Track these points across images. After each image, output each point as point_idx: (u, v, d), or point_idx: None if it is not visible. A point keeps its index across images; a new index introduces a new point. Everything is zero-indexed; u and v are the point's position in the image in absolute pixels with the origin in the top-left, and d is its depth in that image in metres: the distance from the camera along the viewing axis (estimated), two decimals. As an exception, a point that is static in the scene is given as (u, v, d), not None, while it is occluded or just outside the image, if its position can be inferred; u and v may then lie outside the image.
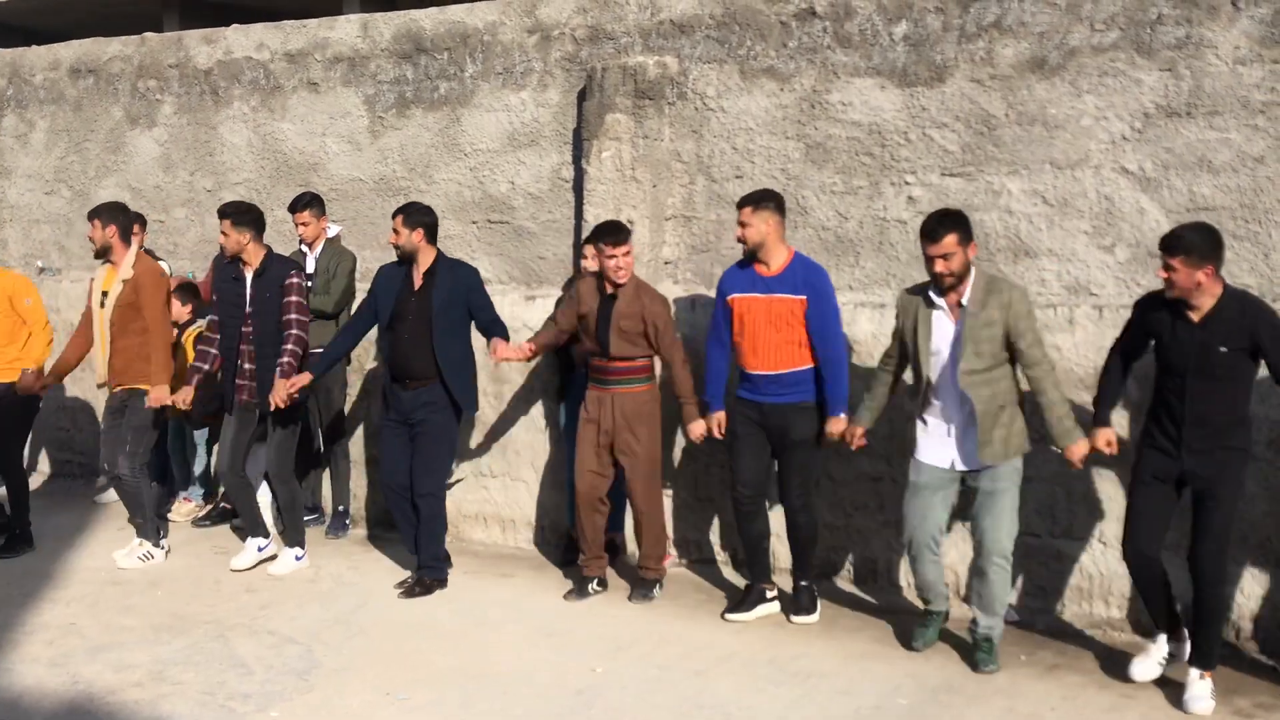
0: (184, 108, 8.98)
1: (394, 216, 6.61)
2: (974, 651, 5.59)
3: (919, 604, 5.97)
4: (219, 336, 7.01)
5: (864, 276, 6.73)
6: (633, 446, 6.37)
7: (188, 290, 8.01)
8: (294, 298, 6.84)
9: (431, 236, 6.62)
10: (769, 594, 6.27)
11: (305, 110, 8.46)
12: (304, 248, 7.72)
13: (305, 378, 6.71)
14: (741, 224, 6.03)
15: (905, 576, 6.54)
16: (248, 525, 7.17)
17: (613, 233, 6.29)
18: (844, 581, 6.70)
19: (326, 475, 8.03)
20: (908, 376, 5.82)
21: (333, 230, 7.83)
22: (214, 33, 8.92)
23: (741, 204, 6.06)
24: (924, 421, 5.63)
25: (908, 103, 6.58)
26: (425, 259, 6.60)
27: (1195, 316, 5.01)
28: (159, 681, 5.45)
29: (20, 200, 9.77)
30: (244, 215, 6.88)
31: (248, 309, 6.87)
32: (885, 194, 6.67)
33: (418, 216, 6.58)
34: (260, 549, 7.14)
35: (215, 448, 8.11)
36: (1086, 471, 6.08)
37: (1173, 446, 5.11)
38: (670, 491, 7.08)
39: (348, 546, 7.61)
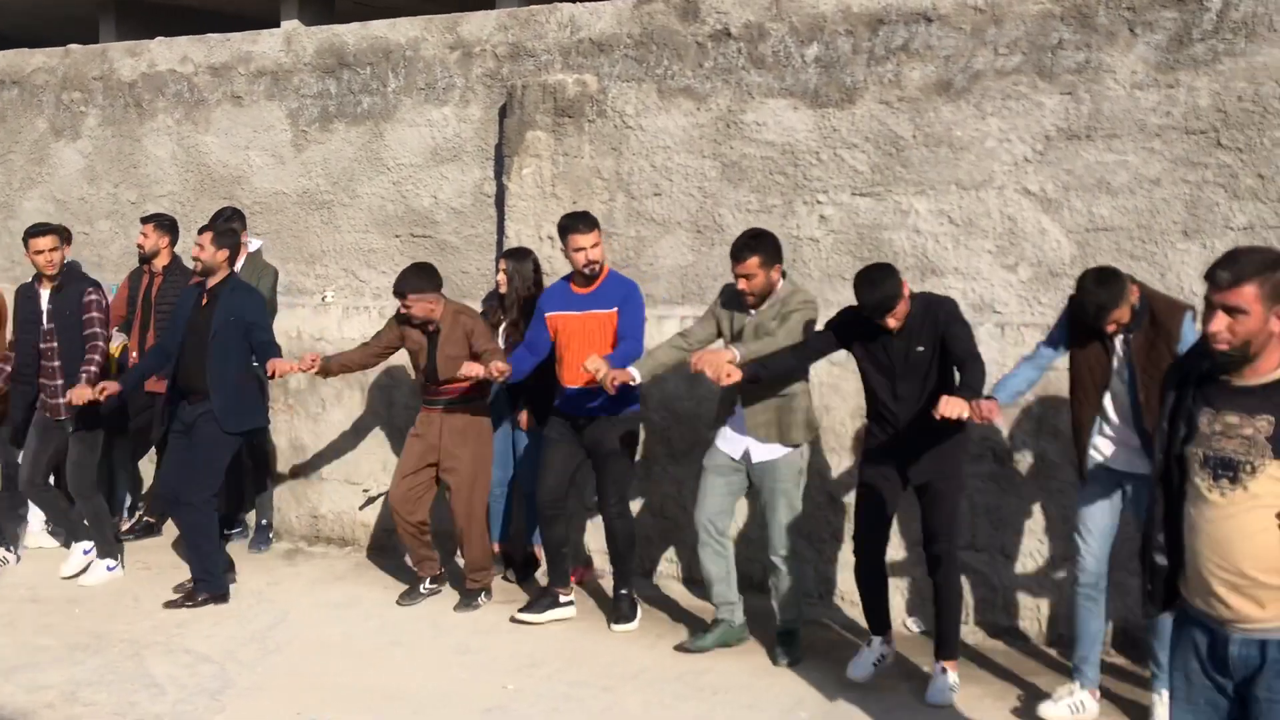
0: (108, 120, 8.96)
1: (201, 232, 6.82)
2: (775, 644, 5.92)
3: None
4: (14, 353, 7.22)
5: (778, 293, 6.84)
6: (457, 464, 6.60)
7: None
8: (95, 313, 7.03)
9: (233, 260, 6.92)
10: (563, 598, 6.48)
11: (229, 123, 8.47)
12: (226, 262, 7.76)
13: (114, 386, 6.73)
14: (593, 246, 6.26)
15: (816, 588, 6.68)
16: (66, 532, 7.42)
17: (413, 281, 6.61)
18: (755, 595, 6.80)
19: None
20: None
21: (254, 245, 7.86)
22: (138, 45, 8.91)
23: (585, 226, 6.24)
24: (726, 417, 5.90)
25: (819, 123, 6.69)
26: (218, 277, 6.80)
27: (894, 325, 5.30)
28: (71, 703, 5.47)
29: (-56, 211, 9.70)
30: (65, 232, 7.20)
31: (45, 325, 7.05)
32: (798, 213, 6.78)
33: (227, 239, 6.84)
34: (85, 550, 7.31)
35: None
36: (991, 486, 6.25)
37: (891, 449, 5.39)
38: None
39: (270, 561, 7.64)
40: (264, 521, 7.93)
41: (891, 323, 5.27)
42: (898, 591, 6.37)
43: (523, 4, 9.58)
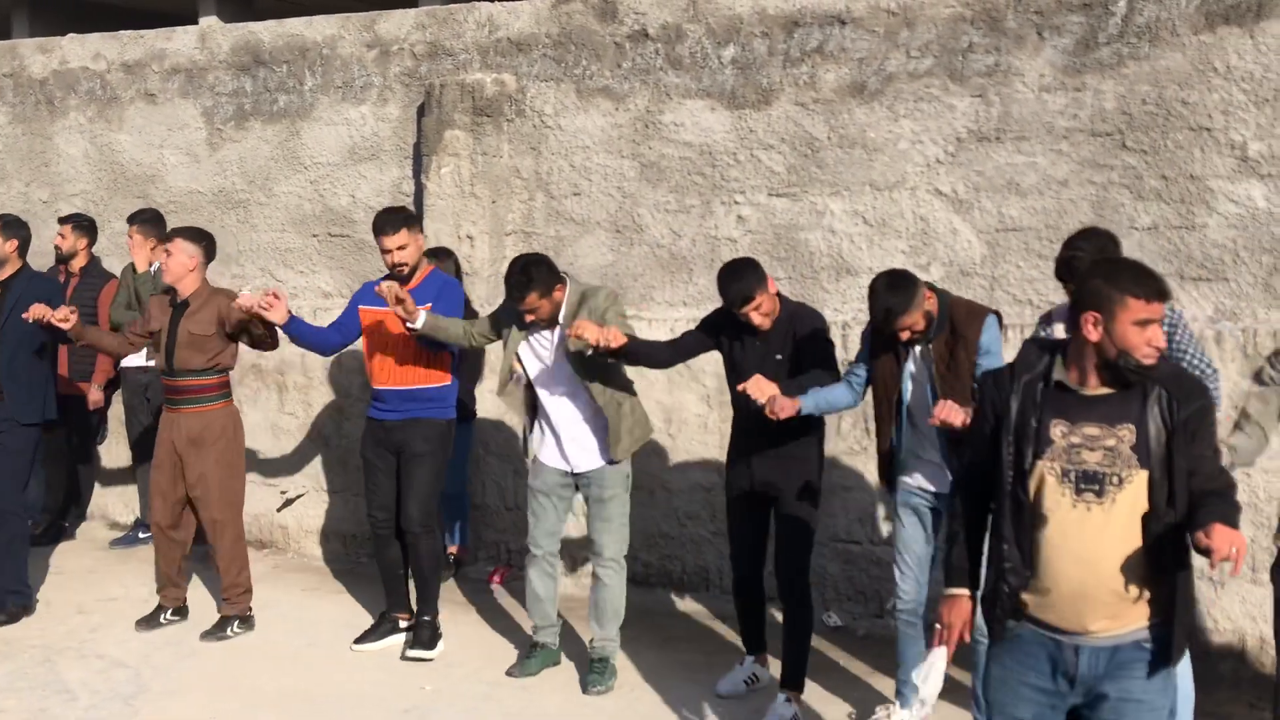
0: (19, 117, 8.80)
1: None
2: (588, 671, 5.61)
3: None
4: None
5: (697, 293, 6.89)
6: (201, 472, 6.14)
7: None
8: None
9: (24, 251, 6.64)
10: (403, 623, 6.13)
11: (143, 121, 8.36)
12: (140, 262, 7.68)
13: None
14: (399, 248, 5.82)
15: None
16: None
17: (174, 229, 6.37)
18: (675, 592, 6.86)
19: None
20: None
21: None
22: (49, 42, 8.76)
23: (391, 228, 5.83)
24: (540, 429, 5.68)
25: (736, 124, 6.75)
26: (8, 269, 6.57)
27: (759, 321, 5.15)
28: (-20, 710, 5.40)
29: None
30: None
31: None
32: (716, 213, 6.84)
33: (15, 229, 6.63)
34: None
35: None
36: (905, 482, 6.34)
37: (746, 458, 5.29)
38: (504, 506, 7.19)
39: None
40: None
41: (756, 318, 5.12)
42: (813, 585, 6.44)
43: (442, 3, 9.56)
